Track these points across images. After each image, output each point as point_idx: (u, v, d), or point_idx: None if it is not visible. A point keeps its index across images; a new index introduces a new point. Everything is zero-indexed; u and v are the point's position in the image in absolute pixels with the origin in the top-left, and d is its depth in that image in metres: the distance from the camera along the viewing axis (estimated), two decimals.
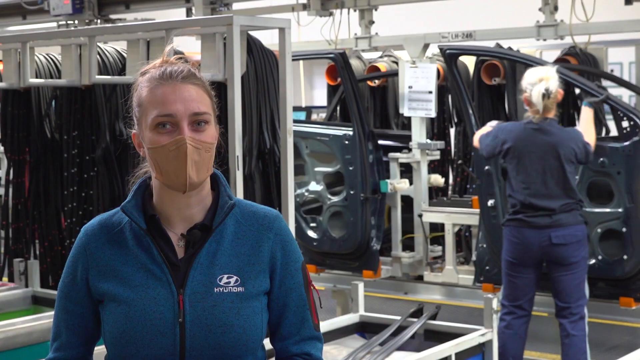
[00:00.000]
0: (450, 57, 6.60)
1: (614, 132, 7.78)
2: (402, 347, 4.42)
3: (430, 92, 6.95)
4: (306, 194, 7.24)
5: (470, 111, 6.56)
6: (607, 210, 6.02)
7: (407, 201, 7.23)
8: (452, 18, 11.67)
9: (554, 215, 5.55)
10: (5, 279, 5.95)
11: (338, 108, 8.34)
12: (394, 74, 7.81)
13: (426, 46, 7.20)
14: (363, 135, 6.84)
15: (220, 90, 4.65)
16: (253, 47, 4.84)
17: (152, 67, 2.16)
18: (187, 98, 2.10)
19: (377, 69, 8.17)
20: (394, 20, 10.40)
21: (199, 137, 2.10)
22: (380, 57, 8.52)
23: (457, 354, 4.23)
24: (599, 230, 6.03)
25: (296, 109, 8.85)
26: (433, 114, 7.04)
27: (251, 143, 4.82)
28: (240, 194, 4.45)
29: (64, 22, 8.89)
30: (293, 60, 8.01)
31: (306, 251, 7.28)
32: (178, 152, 2.08)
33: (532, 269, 5.66)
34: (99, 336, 2.23)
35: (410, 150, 7.13)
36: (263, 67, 4.87)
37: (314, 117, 10.98)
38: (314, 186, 7.20)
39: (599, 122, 7.62)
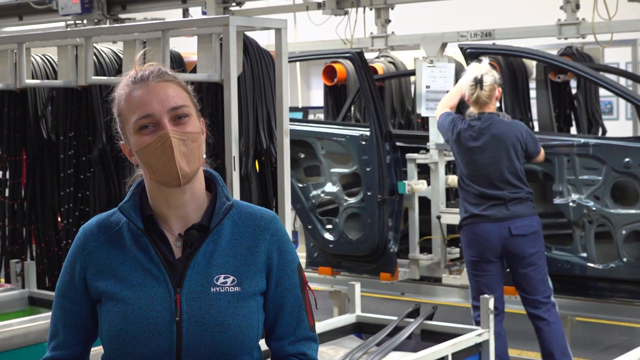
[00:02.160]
0: (470, 56, 6.52)
1: (611, 132, 7.82)
2: (398, 348, 4.41)
3: (448, 92, 6.88)
4: (322, 195, 7.13)
5: None
6: (632, 211, 5.94)
7: (422, 202, 7.12)
8: (470, 17, 11.56)
9: (511, 206, 5.68)
10: (1, 279, 5.94)
11: (352, 108, 8.25)
12: (411, 73, 7.73)
13: (444, 45, 7.11)
14: (380, 136, 6.73)
15: (216, 90, 4.66)
16: (249, 48, 4.84)
17: (127, 78, 2.19)
18: (162, 96, 2.13)
19: (373, 69, 8.16)
20: (410, 19, 10.28)
21: (182, 129, 2.12)
22: (377, 57, 8.51)
23: (453, 354, 4.22)
24: (623, 232, 5.96)
25: (293, 109, 8.86)
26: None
27: (248, 143, 4.83)
28: (236, 194, 4.45)
29: (72, 22, 8.82)
30: (309, 60, 8.01)
31: (322, 253, 7.20)
32: (164, 147, 2.10)
33: (495, 265, 5.77)
34: (96, 336, 2.24)
35: (427, 150, 7.03)
36: (259, 67, 4.87)
37: (310, 117, 10.97)
38: (330, 187, 7.09)
39: (595, 122, 7.63)
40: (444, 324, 4.63)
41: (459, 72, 6.61)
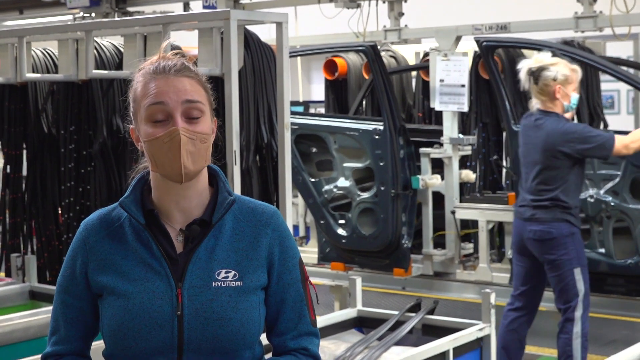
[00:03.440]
0: (487, 49, 6.43)
1: (612, 126, 7.81)
2: (400, 342, 4.41)
3: (463, 86, 6.79)
4: (335, 190, 7.06)
5: (507, 105, 6.39)
6: None
7: (435, 197, 7.04)
8: (485, 9, 11.43)
9: (533, 209, 5.50)
10: (2, 273, 5.94)
11: (364, 102, 8.16)
12: (425, 67, 7.67)
13: (458, 38, 7.01)
14: (394, 130, 6.66)
15: (217, 85, 4.66)
16: (250, 42, 4.83)
17: (149, 64, 2.18)
18: (180, 89, 2.12)
19: None
20: (424, 12, 10.16)
21: (193, 128, 2.12)
22: None
23: (455, 349, 4.22)
24: None
25: (294, 103, 8.84)
26: (465, 108, 6.87)
27: (249, 138, 4.82)
28: (237, 188, 4.44)
29: (80, 15, 8.78)
30: (322, 53, 7.99)
31: (334, 248, 7.14)
32: (172, 143, 2.10)
33: (524, 259, 5.63)
34: (97, 331, 2.24)
35: (441, 145, 6.94)
36: (260, 61, 4.86)
37: (311, 111, 10.95)
38: (343, 182, 7.02)
39: (597, 116, 7.61)
40: (445, 318, 4.63)
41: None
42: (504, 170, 7.70)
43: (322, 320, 4.52)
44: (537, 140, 5.48)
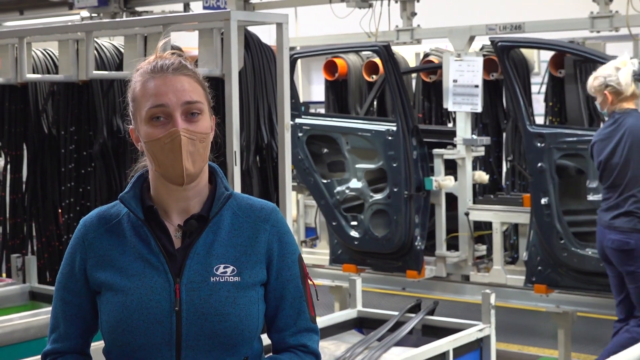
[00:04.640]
0: (502, 49, 6.36)
1: None
2: (400, 343, 4.41)
3: (477, 86, 6.77)
4: (347, 191, 7.04)
5: (523, 105, 6.33)
6: None
7: (448, 199, 7.01)
8: (499, 9, 11.36)
9: (611, 216, 5.34)
10: (2, 274, 5.95)
11: (375, 103, 8.13)
12: (438, 67, 7.64)
13: (472, 38, 6.98)
14: (407, 131, 6.64)
15: (217, 85, 4.66)
16: (250, 43, 4.84)
17: (146, 63, 2.19)
18: (178, 88, 2.13)
19: (375, 64, 8.15)
20: (437, 11, 10.07)
21: (193, 128, 2.13)
22: None
23: (455, 350, 4.22)
24: None
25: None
26: (479, 109, 6.85)
27: (249, 138, 4.83)
28: (237, 189, 4.45)
29: (87, 15, 8.76)
30: (334, 53, 7.94)
31: (346, 250, 7.12)
32: (173, 144, 2.10)
33: (611, 267, 5.46)
34: (96, 328, 2.24)
35: (454, 146, 6.92)
36: (260, 62, 4.87)
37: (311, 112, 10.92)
38: (355, 183, 7.00)
39: (597, 117, 7.60)
40: (445, 319, 4.62)
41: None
42: (503, 172, 7.69)
43: (322, 321, 4.52)
44: (616, 138, 5.35)
